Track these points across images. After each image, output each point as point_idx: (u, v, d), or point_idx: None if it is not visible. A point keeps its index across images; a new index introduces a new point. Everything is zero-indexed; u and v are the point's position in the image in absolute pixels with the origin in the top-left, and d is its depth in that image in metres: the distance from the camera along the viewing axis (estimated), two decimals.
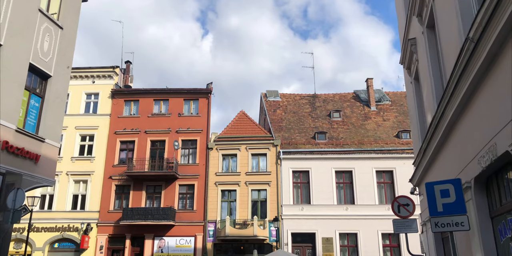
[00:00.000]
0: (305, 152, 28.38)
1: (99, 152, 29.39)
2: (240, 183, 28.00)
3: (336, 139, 29.71)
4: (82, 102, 30.77)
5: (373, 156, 28.05)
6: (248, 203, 27.63)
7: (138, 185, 28.47)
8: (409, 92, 13.11)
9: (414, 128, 12.81)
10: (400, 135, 29.46)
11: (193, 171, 28.51)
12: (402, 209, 10.99)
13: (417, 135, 12.16)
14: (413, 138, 13.89)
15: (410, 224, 10.75)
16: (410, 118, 13.91)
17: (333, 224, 26.62)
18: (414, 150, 13.65)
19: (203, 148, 29.04)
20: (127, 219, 26.76)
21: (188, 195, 28.39)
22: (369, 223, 26.39)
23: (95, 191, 28.58)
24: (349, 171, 28.04)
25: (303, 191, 28.05)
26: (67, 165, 29.11)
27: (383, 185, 27.80)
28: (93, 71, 31.08)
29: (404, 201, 11.05)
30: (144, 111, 30.20)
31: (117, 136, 29.67)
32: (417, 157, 12.26)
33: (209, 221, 27.44)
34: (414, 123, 12.58)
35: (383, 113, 32.66)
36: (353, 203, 27.29)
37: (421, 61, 10.70)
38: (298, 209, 27.35)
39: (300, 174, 28.35)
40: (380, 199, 27.43)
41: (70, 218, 28.00)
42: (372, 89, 34.21)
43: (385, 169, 27.85)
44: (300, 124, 31.81)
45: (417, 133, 12.20)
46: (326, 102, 34.53)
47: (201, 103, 30.29)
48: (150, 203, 28.37)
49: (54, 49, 14.18)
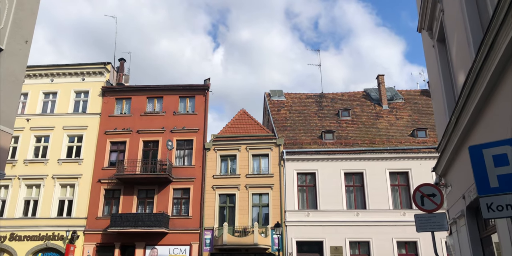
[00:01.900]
0: (310, 152, 25.88)
1: (88, 154, 27.17)
2: (240, 187, 25.53)
3: (345, 138, 27.19)
4: (71, 100, 28.70)
5: (386, 156, 25.44)
6: (248, 208, 25.11)
7: (129, 189, 26.13)
8: (431, 58, 10.66)
9: (438, 100, 10.30)
10: (415, 134, 26.83)
11: (188, 174, 26.13)
12: (426, 201, 8.51)
13: (443, 108, 9.68)
14: (436, 116, 11.37)
15: (438, 220, 8.24)
16: (432, 90, 11.42)
17: (343, 232, 23.96)
18: (438, 130, 11.13)
19: (200, 148, 26.68)
20: (116, 226, 24.38)
21: (183, 200, 25.97)
22: (382, 230, 23.69)
23: (83, 196, 26.29)
24: (359, 173, 25.43)
25: (309, 195, 25.48)
26: (53, 168, 26.94)
27: (397, 188, 25.13)
28: (83, 68, 29.07)
29: (429, 191, 8.56)
30: (136, 109, 28.01)
31: (107, 136, 27.46)
32: (443, 139, 9.77)
33: (205, 228, 24.93)
34: (438, 93, 10.08)
35: (396, 112, 30.11)
36: (365, 208, 24.63)
37: (448, 7, 8.29)
38: (303, 215, 24.76)
39: (306, 176, 25.80)
40: (395, 204, 24.75)
41: (55, 225, 25.67)
42: (384, 86, 31.70)
43: (400, 170, 25.20)
44: (305, 123, 29.36)
45: (442, 105, 9.72)
46: (334, 101, 32.08)
47: (197, 100, 28.03)
48: (142, 209, 25.98)
49: (7, 19, 12.04)
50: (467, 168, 8.00)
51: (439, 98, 10.14)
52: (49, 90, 29.02)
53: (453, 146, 8.76)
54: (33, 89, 28.95)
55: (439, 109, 10.36)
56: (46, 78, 29.22)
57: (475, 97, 6.61)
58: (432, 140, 26.06)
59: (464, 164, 8.20)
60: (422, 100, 31.40)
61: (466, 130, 7.80)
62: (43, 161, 27.12)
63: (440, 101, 10.08)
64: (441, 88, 9.63)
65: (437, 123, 11.35)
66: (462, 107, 7.53)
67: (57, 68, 29.17)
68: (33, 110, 28.48)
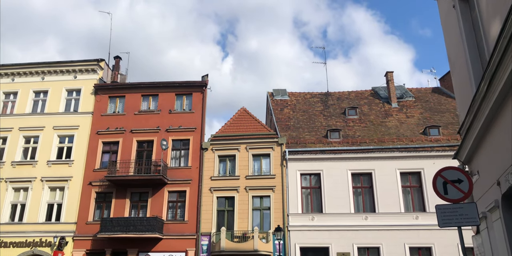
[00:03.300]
0: (315, 151, 24.11)
1: (79, 155, 25.63)
2: (239, 189, 23.81)
3: (352, 137, 25.41)
4: (62, 99, 27.25)
5: (397, 155, 23.60)
6: (248, 212, 23.36)
7: (121, 192, 24.50)
8: (450, 22, 8.95)
9: (460, 70, 8.57)
10: (427, 132, 24.99)
11: (184, 176, 24.47)
12: (451, 188, 6.78)
13: (467, 77, 7.96)
14: (458, 92, 9.63)
15: (467, 212, 6.50)
16: (452, 62, 9.68)
17: (350, 237, 22.11)
18: (460, 108, 9.41)
19: (197, 148, 25.03)
20: (106, 231, 22.70)
21: (179, 204, 24.27)
22: (393, 235, 21.81)
23: (73, 200, 24.69)
24: (368, 173, 23.62)
25: (313, 198, 23.68)
26: (42, 170, 25.42)
27: (409, 189, 23.26)
28: (75, 65, 27.66)
29: (454, 176, 6.84)
30: (130, 108, 26.49)
31: (100, 136, 25.92)
32: (467, 117, 8.06)
33: (202, 233, 23.18)
34: (461, 61, 8.35)
35: (406, 110, 28.31)
36: (374, 211, 22.77)
37: None
38: (307, 218, 22.94)
39: (310, 177, 24.03)
40: (406, 206, 22.87)
41: (43, 231, 24.03)
42: (393, 83, 29.96)
43: (411, 170, 23.35)
44: (310, 122, 27.63)
45: (466, 74, 8.00)
46: (341, 100, 30.36)
47: (195, 98, 26.45)
48: (135, 213, 24.32)
49: None
50: (504, 146, 6.27)
51: (461, 66, 8.42)
52: (39, 89, 27.62)
53: (483, 121, 7.05)
54: (23, 87, 27.61)
55: (462, 81, 8.65)
56: (37, 76, 27.85)
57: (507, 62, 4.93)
58: (445, 138, 24.22)
59: (499, 142, 6.48)
60: (434, 98, 29.60)
61: (502, 98, 6.10)
62: (31, 163, 25.62)
63: (463, 71, 8.36)
64: (464, 53, 7.93)
65: (459, 101, 9.62)
66: (496, 67, 5.85)
67: (48, 65, 27.80)
68: (22, 110, 27.08)
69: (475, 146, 8.03)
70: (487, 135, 7.27)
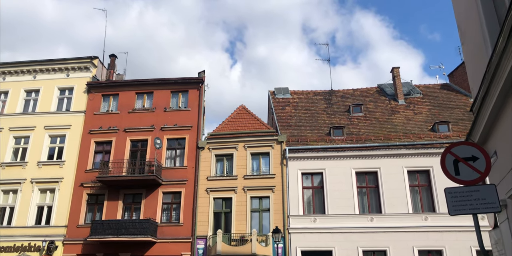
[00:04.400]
0: (317, 149, 22.79)
1: (70, 156, 24.55)
2: (237, 189, 22.54)
3: (357, 134, 24.07)
4: (54, 98, 26.26)
5: (404, 153, 22.23)
6: (246, 213, 22.06)
7: (113, 193, 23.34)
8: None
9: (474, 35, 7.28)
10: (436, 128, 23.59)
11: (180, 176, 23.26)
12: (463, 167, 5.50)
13: (481, 41, 6.69)
14: (469, 64, 8.34)
15: (483, 195, 5.20)
16: (460, 28, 8.40)
17: (355, 239, 20.72)
18: (473, 84, 8.12)
19: (193, 147, 23.84)
20: (96, 235, 21.51)
21: (174, 205, 23.05)
22: (401, 238, 20.39)
23: (63, 202, 23.57)
24: (373, 172, 22.25)
25: (315, 198, 22.34)
26: (32, 172, 24.38)
27: (417, 188, 21.85)
28: (68, 63, 26.69)
29: (467, 152, 5.56)
30: (124, 106, 25.40)
31: (92, 136, 24.84)
32: (480, 89, 6.79)
33: (198, 236, 21.91)
34: (473, 24, 7.07)
35: (414, 107, 26.93)
36: (380, 212, 21.37)
37: None
38: (309, 220, 21.60)
39: (312, 176, 22.70)
40: (415, 207, 21.43)
41: (32, 234, 22.93)
42: (399, 79, 28.63)
43: (420, 168, 21.94)
44: (313, 120, 26.34)
45: (480, 37, 6.72)
46: (345, 97, 29.04)
47: (191, 95, 25.32)
48: (128, 216, 23.14)
49: None
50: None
51: (474, 29, 7.14)
52: (31, 88, 26.67)
53: (500, 88, 5.78)
54: (14, 87, 26.68)
55: (475, 48, 7.37)
56: (29, 74, 26.92)
57: None
58: (456, 135, 22.81)
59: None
60: (443, 94, 28.18)
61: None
62: (21, 164, 24.57)
63: (475, 35, 7.09)
64: (477, 9, 6.66)
65: (471, 75, 8.32)
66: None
67: (40, 63, 26.87)
68: (13, 110, 26.11)
69: (491, 122, 6.73)
70: (506, 107, 5.99)
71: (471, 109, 7.95)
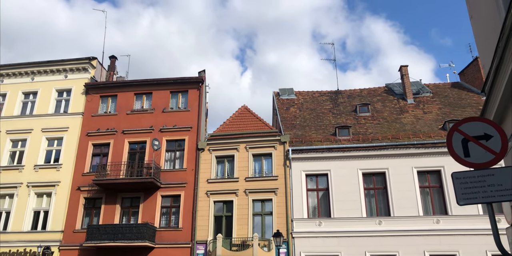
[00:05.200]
0: (321, 149, 21.80)
1: (68, 159, 23.84)
2: (239, 192, 21.61)
3: (364, 134, 23.04)
4: (52, 100, 25.65)
5: (413, 152, 21.15)
6: (248, 217, 21.10)
7: (111, 197, 22.54)
8: None
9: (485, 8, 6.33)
10: (447, 127, 22.45)
11: (179, 179, 22.40)
12: (474, 147, 4.53)
13: (493, 8, 5.74)
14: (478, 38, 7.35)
15: (499, 181, 4.24)
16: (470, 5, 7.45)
17: (363, 244, 19.62)
18: (484, 59, 7.15)
19: (193, 149, 22.99)
20: (92, 240, 20.69)
21: (173, 209, 22.16)
22: (411, 242, 19.26)
23: (60, 206, 22.82)
24: (381, 173, 21.18)
25: (320, 201, 21.32)
26: (29, 175, 23.71)
27: (428, 190, 20.72)
28: (66, 64, 26.10)
29: (478, 130, 4.61)
30: (122, 107, 24.68)
31: (90, 138, 24.12)
32: (493, 62, 5.82)
33: (198, 241, 20.97)
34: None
35: (423, 106, 25.83)
36: (389, 215, 20.27)
37: None
38: (314, 224, 20.56)
39: (316, 178, 21.70)
40: (425, 209, 20.30)
41: (28, 240, 22.16)
42: (408, 78, 27.59)
43: (430, 168, 20.83)
44: (318, 120, 25.37)
45: (492, 4, 5.77)
46: (352, 97, 28.04)
47: (191, 95, 24.52)
48: (126, 220, 22.30)
49: None
50: None
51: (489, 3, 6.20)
52: (29, 90, 26.10)
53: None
54: (12, 89, 26.14)
55: (485, 19, 6.41)
56: (27, 76, 26.38)
57: None
58: None
59: None
60: (454, 93, 27.06)
61: None
62: (18, 168, 23.92)
63: (486, 3, 6.14)
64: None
65: (481, 50, 7.35)
66: None
67: (38, 65, 26.32)
68: (10, 112, 25.54)
69: (506, 98, 5.75)
70: None
71: (483, 90, 6.97)
